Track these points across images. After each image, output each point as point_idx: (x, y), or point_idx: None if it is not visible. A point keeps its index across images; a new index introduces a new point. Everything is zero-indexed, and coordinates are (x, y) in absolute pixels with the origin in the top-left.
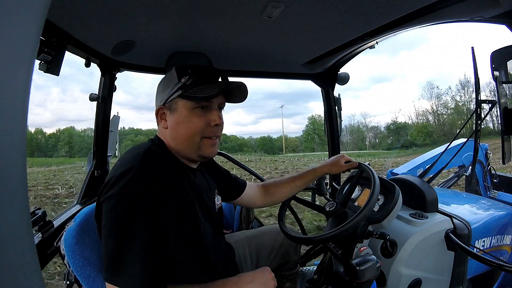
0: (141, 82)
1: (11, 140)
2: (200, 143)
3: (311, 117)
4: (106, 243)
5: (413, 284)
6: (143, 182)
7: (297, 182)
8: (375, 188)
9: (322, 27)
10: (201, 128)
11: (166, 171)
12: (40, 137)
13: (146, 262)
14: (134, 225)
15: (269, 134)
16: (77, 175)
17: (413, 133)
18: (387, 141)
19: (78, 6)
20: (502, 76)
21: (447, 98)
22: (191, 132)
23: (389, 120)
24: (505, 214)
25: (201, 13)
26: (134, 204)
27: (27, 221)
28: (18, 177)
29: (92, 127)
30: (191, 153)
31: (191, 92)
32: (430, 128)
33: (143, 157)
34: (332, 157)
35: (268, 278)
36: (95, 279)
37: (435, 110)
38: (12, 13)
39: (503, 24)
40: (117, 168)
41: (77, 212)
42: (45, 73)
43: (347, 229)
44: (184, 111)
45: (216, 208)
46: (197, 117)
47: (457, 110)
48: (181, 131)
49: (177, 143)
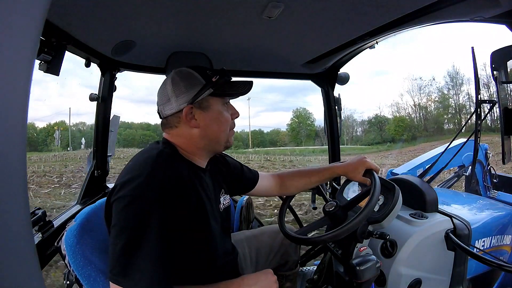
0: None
1: (11, 140)
2: (229, 135)
3: (295, 110)
4: (115, 243)
5: (413, 284)
6: (155, 184)
7: (313, 178)
8: (376, 189)
9: (322, 27)
10: (230, 121)
11: (178, 173)
12: (31, 132)
13: (154, 264)
14: (144, 226)
15: (260, 128)
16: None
17: (390, 128)
18: (371, 136)
19: (78, 6)
20: (502, 76)
21: (430, 89)
22: (226, 126)
23: (371, 114)
24: (505, 214)
25: (201, 13)
26: (145, 205)
27: (27, 221)
28: (18, 177)
29: (83, 121)
30: (220, 146)
31: (222, 90)
32: (409, 122)
33: (156, 160)
34: (354, 159)
35: (271, 280)
36: (96, 279)
37: (416, 103)
38: (12, 13)
39: (503, 24)
40: (130, 170)
41: (77, 212)
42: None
43: (347, 229)
44: (218, 107)
45: (221, 208)
46: (226, 111)
47: (443, 104)
48: (215, 127)
49: (210, 138)
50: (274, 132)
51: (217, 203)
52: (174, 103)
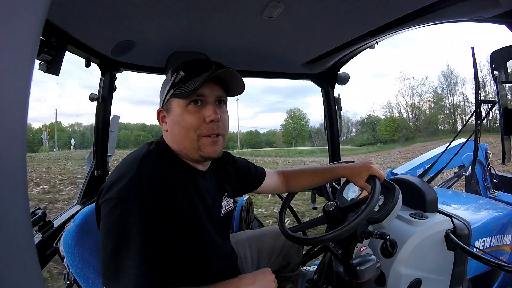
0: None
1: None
2: (199, 143)
3: (289, 111)
4: (103, 247)
5: (413, 284)
6: (140, 185)
7: (316, 179)
8: (376, 189)
9: (322, 27)
10: (195, 126)
11: (165, 174)
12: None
13: (142, 267)
14: (130, 229)
15: (256, 129)
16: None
17: (381, 128)
18: (364, 137)
19: (78, 6)
20: (502, 76)
21: (423, 89)
22: (185, 131)
23: (364, 115)
24: (505, 214)
25: (201, 13)
26: (130, 208)
27: (27, 221)
28: (18, 177)
29: (79, 121)
30: (192, 154)
31: (181, 89)
32: (400, 122)
33: (141, 161)
34: (360, 163)
35: (269, 279)
36: (94, 281)
37: (409, 103)
38: (12, 13)
39: (503, 24)
40: (116, 171)
41: (77, 212)
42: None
43: (348, 230)
44: (177, 109)
45: (222, 213)
46: (190, 114)
47: (436, 104)
48: (176, 131)
49: (177, 144)
50: (270, 133)
51: (218, 207)
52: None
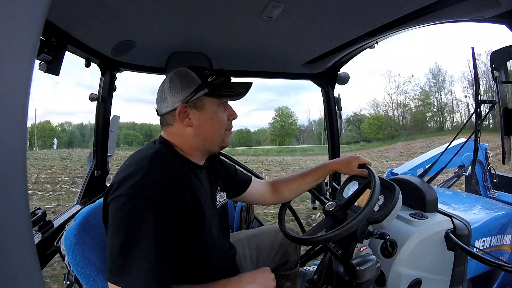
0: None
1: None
2: (224, 135)
3: (277, 109)
4: (112, 243)
5: (413, 284)
6: (151, 183)
7: (306, 178)
8: (376, 188)
9: (322, 27)
10: (225, 122)
11: (173, 172)
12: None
13: (151, 263)
14: (140, 225)
15: (246, 127)
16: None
17: (365, 126)
18: (351, 135)
19: (78, 6)
20: (502, 76)
21: (409, 87)
22: (220, 126)
23: (350, 113)
24: (505, 214)
25: (201, 13)
26: (141, 204)
27: (27, 221)
28: (18, 177)
29: (70, 120)
30: (214, 146)
31: (217, 91)
32: (384, 121)
33: (151, 159)
34: (347, 156)
35: (268, 278)
36: (95, 279)
37: (394, 101)
38: (12, 13)
39: (503, 24)
40: (125, 169)
41: (77, 212)
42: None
43: (347, 229)
44: (211, 107)
45: (218, 205)
46: (222, 112)
47: (424, 101)
48: (208, 126)
49: (204, 138)
50: (261, 131)
51: (213, 200)
52: (169, 101)
